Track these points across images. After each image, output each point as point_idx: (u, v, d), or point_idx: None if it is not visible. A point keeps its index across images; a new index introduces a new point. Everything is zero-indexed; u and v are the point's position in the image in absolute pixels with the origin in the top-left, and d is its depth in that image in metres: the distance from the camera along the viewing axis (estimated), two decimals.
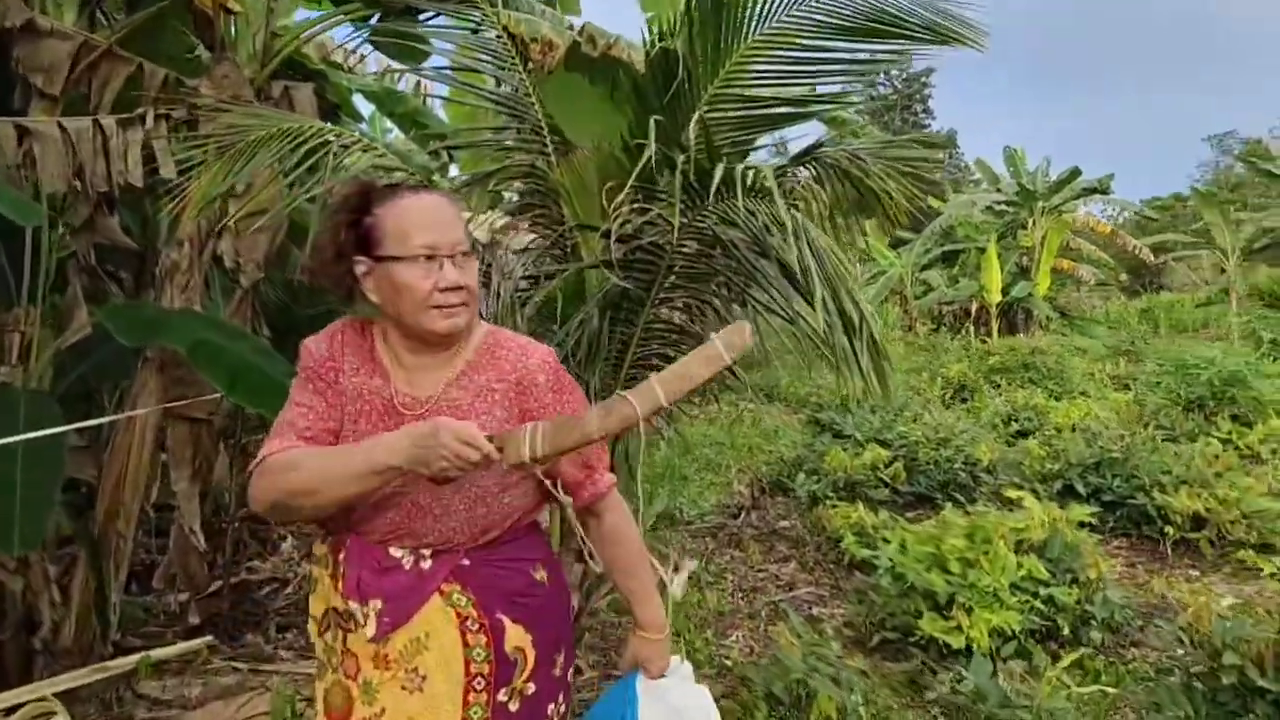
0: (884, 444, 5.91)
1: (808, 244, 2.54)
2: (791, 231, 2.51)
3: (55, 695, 3.03)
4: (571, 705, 1.82)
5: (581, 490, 1.73)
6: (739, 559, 4.85)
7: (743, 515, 5.47)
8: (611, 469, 1.82)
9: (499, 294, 3.17)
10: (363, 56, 7.68)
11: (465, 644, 1.61)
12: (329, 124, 3.02)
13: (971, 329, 18.40)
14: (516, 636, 1.65)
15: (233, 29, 3.56)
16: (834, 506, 4.95)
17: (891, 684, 3.37)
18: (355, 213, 1.63)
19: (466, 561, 1.64)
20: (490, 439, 1.50)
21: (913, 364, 12.31)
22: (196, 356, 3.11)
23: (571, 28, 3.69)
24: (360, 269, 1.63)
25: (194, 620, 3.73)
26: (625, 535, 1.78)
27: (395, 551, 1.63)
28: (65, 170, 3.19)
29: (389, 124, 7.42)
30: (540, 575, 1.72)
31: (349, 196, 1.66)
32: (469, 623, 1.61)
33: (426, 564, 1.63)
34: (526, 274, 3.60)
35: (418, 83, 8.32)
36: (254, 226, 3.40)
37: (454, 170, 5.50)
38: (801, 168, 3.55)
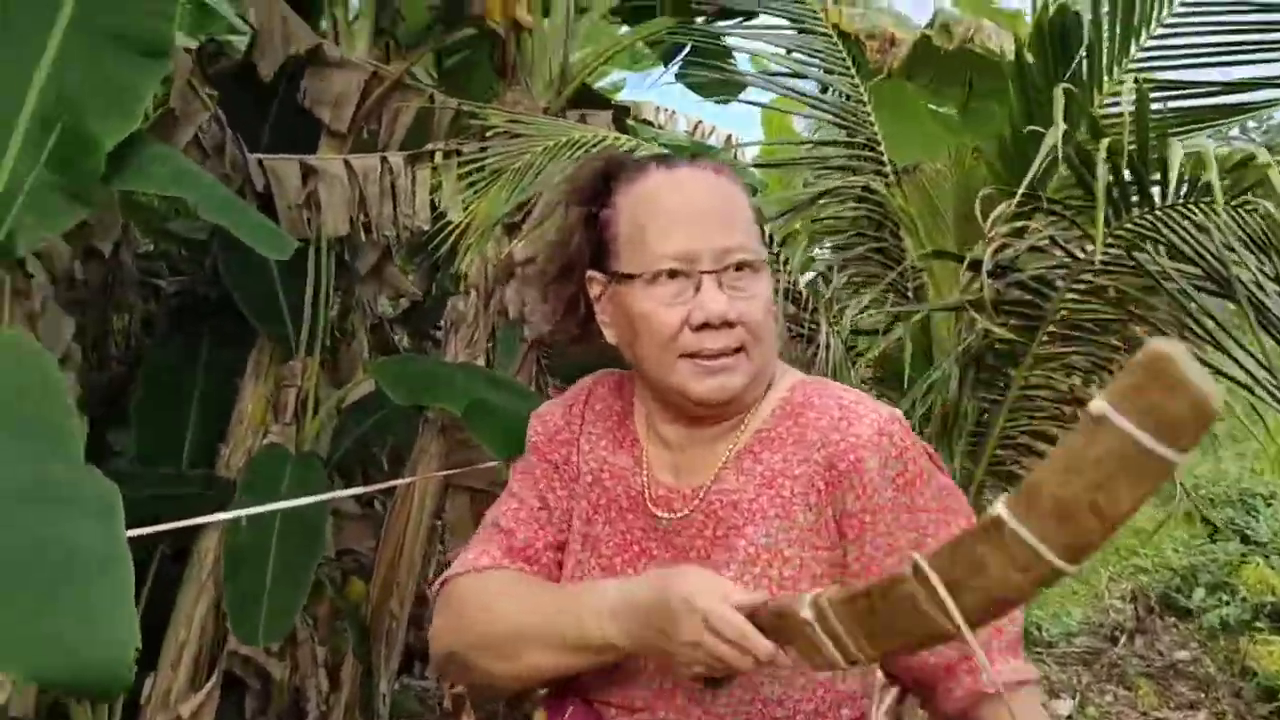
0: None
1: None
2: None
3: None
4: None
5: (949, 682, 0.96)
6: (1125, 700, 3.74)
7: (1123, 640, 4.30)
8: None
9: (827, 346, 2.47)
10: (673, 113, 7.45)
11: None
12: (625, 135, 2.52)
13: None
14: None
15: (529, 54, 3.19)
16: (1264, 641, 3.70)
17: None
18: (591, 201, 1.04)
19: None
20: (762, 616, 0.84)
21: None
22: (471, 418, 2.68)
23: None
24: (594, 290, 1.05)
25: (468, 718, 3.28)
26: None
27: None
28: (350, 212, 2.93)
29: None
30: None
31: (582, 176, 1.07)
32: None
33: None
34: (857, 326, 2.89)
35: (728, 137, 7.95)
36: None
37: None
38: None
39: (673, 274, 0.97)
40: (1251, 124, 2.62)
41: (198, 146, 2.89)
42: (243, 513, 2.44)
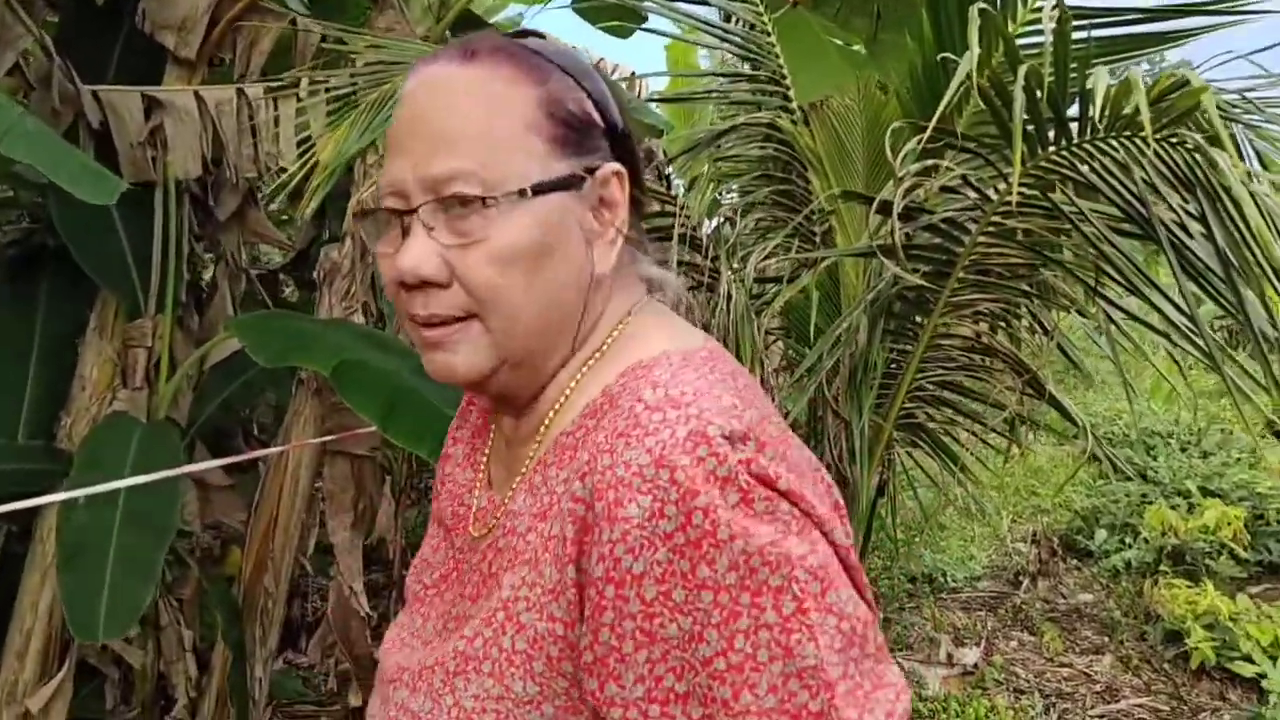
0: (1215, 495, 4.56)
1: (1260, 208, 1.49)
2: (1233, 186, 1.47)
3: None
4: None
5: None
6: (1030, 646, 3.73)
7: (1027, 584, 4.31)
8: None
9: (728, 297, 2.29)
10: (574, 48, 7.12)
11: None
12: None
13: None
14: None
15: None
16: (1168, 585, 3.71)
17: None
18: None
19: None
20: None
21: (1203, 387, 10.36)
22: (342, 380, 2.43)
23: None
24: None
25: (354, 701, 3.07)
26: None
27: None
28: (202, 150, 2.62)
29: None
30: None
31: None
32: None
33: None
34: (762, 274, 2.72)
35: (631, 74, 7.70)
36: None
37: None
38: None
39: (392, 212, 0.73)
40: (1145, 65, 2.48)
41: (20, 78, 2.54)
42: (81, 492, 2.16)
